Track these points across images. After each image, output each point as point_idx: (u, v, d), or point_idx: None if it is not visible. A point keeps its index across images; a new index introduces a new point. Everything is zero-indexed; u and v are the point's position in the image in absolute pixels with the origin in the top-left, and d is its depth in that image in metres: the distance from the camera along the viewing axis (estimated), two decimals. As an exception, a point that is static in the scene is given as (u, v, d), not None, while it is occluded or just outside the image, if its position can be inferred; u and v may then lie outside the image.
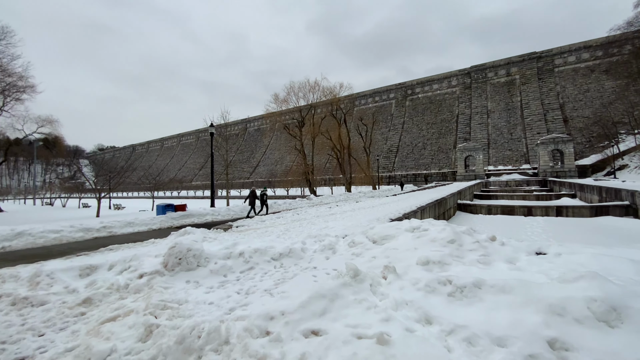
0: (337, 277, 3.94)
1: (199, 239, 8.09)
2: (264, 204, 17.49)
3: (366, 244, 6.36)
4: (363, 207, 16.21)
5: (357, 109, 77.07)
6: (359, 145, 46.22)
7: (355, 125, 48.47)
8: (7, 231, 9.59)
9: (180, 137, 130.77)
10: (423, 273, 4.31)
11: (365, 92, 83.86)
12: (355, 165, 40.77)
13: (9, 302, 4.10)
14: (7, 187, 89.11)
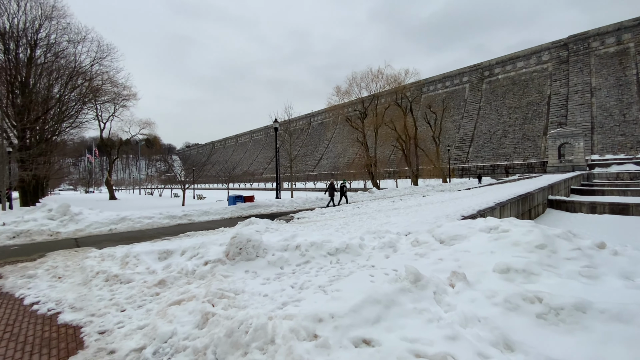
0: (395, 280, 3.55)
1: (262, 230, 8.45)
2: (344, 195, 17.97)
3: (432, 243, 5.72)
4: (430, 202, 14.99)
5: (424, 96, 71.97)
6: (427, 134, 43.11)
7: (422, 114, 45.31)
8: (113, 216, 11.54)
9: (251, 134, 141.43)
10: (502, 284, 3.61)
11: (434, 78, 77.64)
12: (422, 156, 38.19)
13: (103, 278, 4.81)
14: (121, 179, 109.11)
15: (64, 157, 52.75)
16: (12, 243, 9.06)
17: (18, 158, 19.24)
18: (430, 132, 41.64)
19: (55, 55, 21.03)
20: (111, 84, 29.82)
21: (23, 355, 2.91)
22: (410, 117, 37.95)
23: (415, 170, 37.45)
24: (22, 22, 18.19)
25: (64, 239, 9.48)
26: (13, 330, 3.42)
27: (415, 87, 44.83)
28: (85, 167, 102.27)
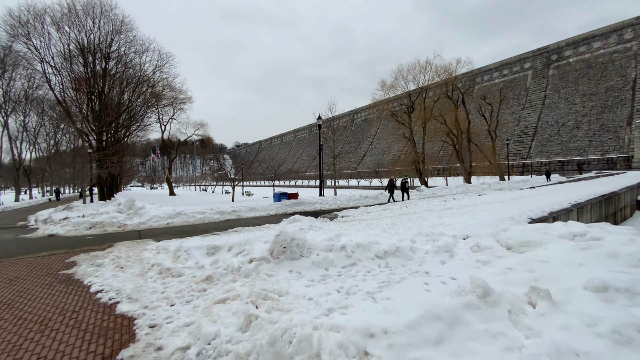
0: (457, 293, 3.05)
1: (306, 227, 8.30)
2: (405, 192, 17.89)
3: (497, 250, 4.99)
4: (488, 202, 13.59)
5: (478, 86, 66.36)
6: (481, 128, 39.64)
7: (476, 106, 41.77)
8: (170, 211, 12.41)
9: (296, 132, 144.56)
10: (600, 306, 2.89)
11: (489, 66, 71.18)
12: (476, 152, 35.20)
13: (157, 270, 5.02)
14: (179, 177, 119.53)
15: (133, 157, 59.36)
16: (89, 233, 10.20)
17: (96, 158, 21.91)
18: (484, 125, 38.19)
19: (124, 66, 23.56)
20: (170, 89, 32.70)
21: (82, 344, 3.05)
22: (462, 110, 35.19)
23: (467, 167, 34.68)
24: (97, 38, 20.69)
25: (129, 231, 10.41)
26: (77, 318, 3.67)
27: (468, 78, 41.43)
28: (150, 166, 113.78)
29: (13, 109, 28.66)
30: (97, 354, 2.88)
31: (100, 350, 2.93)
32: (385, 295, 3.83)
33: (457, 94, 35.27)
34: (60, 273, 5.52)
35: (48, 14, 18.81)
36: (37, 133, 34.57)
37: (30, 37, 18.56)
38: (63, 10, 19.16)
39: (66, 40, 19.65)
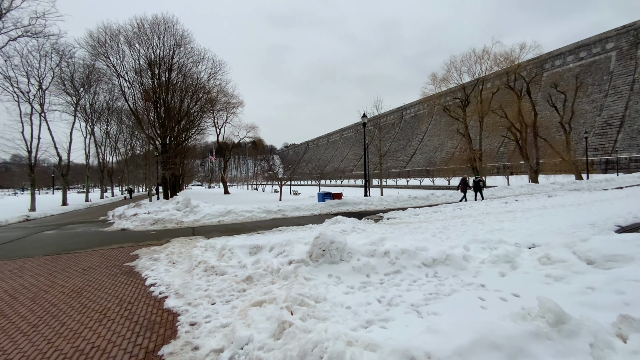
0: (522, 317, 2.56)
1: (348, 229, 8.07)
2: (479, 191, 17.20)
3: (573, 263, 4.21)
4: (560, 205, 11.85)
5: (547, 73, 58.83)
6: (551, 120, 35.02)
7: (544, 96, 37.04)
8: (222, 209, 13.14)
9: (342, 132, 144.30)
10: None
11: (561, 50, 62.61)
12: (544, 147, 31.14)
13: (203, 268, 5.24)
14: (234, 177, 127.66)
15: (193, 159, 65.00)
16: (152, 228, 11.27)
17: (161, 160, 24.34)
18: (555, 117, 33.59)
19: (184, 75, 25.85)
20: (223, 94, 35.01)
21: (131, 336, 3.25)
22: (526, 101, 31.45)
23: (534, 164, 30.88)
24: (162, 52, 23.01)
25: (185, 228, 11.26)
26: (131, 309, 3.95)
27: (534, 65, 36.93)
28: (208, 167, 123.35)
29: (98, 118, 33.40)
30: (142, 347, 3.02)
31: (145, 344, 3.07)
32: (432, 310, 3.45)
33: (521, 84, 31.61)
34: (124, 265, 6.12)
35: (122, 34, 21.53)
36: (117, 139, 39.81)
37: (108, 56, 21.43)
38: (134, 30, 21.78)
39: (137, 56, 22.28)
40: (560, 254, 4.48)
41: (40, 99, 24.00)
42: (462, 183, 17.37)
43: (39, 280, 5.32)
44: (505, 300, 3.60)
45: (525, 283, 4.04)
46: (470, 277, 4.45)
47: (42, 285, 5.05)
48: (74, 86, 27.52)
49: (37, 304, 4.26)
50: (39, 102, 23.95)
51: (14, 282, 5.28)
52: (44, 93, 24.30)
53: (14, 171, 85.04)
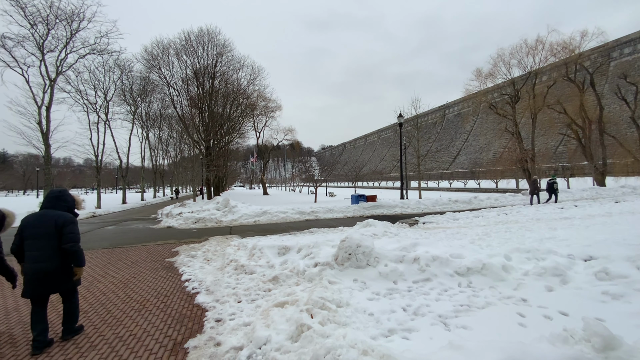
0: (563, 339, 2.26)
1: (380, 233, 7.85)
2: (553, 193, 16.46)
3: (636, 280, 3.64)
4: (629, 212, 10.36)
5: (615, 63, 51.91)
6: (621, 116, 30.80)
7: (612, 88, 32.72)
8: (258, 210, 13.60)
9: (380, 132, 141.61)
10: None
11: (630, 37, 54.78)
12: (613, 146, 27.42)
13: (233, 266, 5.45)
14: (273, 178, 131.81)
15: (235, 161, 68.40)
16: (194, 227, 12.04)
17: (205, 162, 26.00)
18: (626, 111, 29.43)
19: (225, 82, 27.44)
20: (262, 99, 36.44)
21: (164, 327, 3.48)
22: (590, 94, 28.01)
23: (599, 165, 27.36)
24: (206, 61, 24.69)
25: (223, 227, 11.85)
26: (167, 302, 4.24)
27: (599, 53, 32.75)
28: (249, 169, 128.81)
29: (152, 125, 36.77)
30: (171, 338, 3.22)
31: (174, 336, 3.27)
32: (462, 323, 3.20)
33: (583, 75, 28.24)
34: (165, 260, 6.60)
35: (172, 47, 23.55)
36: (167, 143, 43.39)
37: (160, 67, 23.56)
38: (182, 43, 23.68)
39: (184, 66, 24.19)
40: (621, 268, 3.90)
41: (105, 109, 27.07)
42: (533, 184, 16.56)
43: (95, 271, 5.96)
44: (549, 318, 3.22)
45: (576, 300, 3.58)
46: (510, 290, 4.06)
47: (96, 275, 5.64)
48: (132, 97, 30.60)
49: (90, 292, 4.77)
50: (104, 112, 27.04)
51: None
52: (108, 104, 27.37)
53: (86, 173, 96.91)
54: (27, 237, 3.11)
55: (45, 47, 18.79)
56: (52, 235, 3.09)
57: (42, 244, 3.08)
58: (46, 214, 3.19)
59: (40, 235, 3.09)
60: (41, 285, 3.07)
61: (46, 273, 3.06)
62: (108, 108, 27.51)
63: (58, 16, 18.54)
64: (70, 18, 18.95)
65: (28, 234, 3.11)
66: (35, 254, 3.06)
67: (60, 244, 3.10)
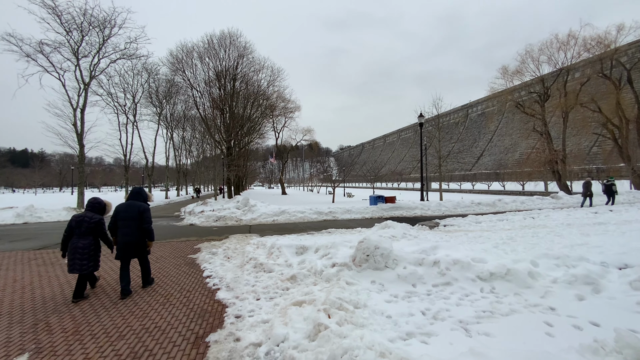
0: (593, 350, 2.14)
1: (398, 235, 7.74)
2: (611, 196, 15.93)
3: (681, 292, 3.37)
4: (672, 217, 9.61)
5: (659, 57, 48.18)
6: (664, 114, 28.44)
7: (654, 84, 30.34)
8: (276, 209, 13.77)
9: (399, 133, 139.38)
10: None
11: (682, 26, 50.56)
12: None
13: (253, 264, 5.56)
14: (291, 178, 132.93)
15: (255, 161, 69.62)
16: (215, 225, 12.37)
17: (226, 162, 26.64)
18: (670, 109, 27.22)
19: (246, 84, 28.04)
20: (281, 100, 36.91)
21: (186, 321, 3.61)
22: (628, 92, 26.18)
23: (638, 167, 25.56)
24: (227, 63, 25.32)
25: (243, 225, 12.11)
26: (189, 297, 4.39)
27: (637, 48, 30.59)
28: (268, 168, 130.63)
29: (176, 126, 38.14)
30: (193, 332, 3.34)
31: (196, 330, 3.39)
32: (484, 330, 3.11)
33: (620, 71, 26.45)
34: (188, 257, 6.84)
35: (195, 50, 24.36)
36: (190, 143, 44.85)
37: (184, 70, 24.45)
38: (205, 46, 24.47)
39: (206, 69, 24.96)
40: (662, 278, 3.63)
41: (133, 110, 28.42)
42: (585, 186, 15.79)
43: (123, 265, 6.27)
44: (579, 328, 3.05)
45: (609, 310, 3.38)
46: (537, 298, 3.89)
47: (124, 269, 5.94)
48: (158, 98, 31.92)
49: (119, 284, 5.02)
50: (132, 114, 28.39)
51: (104, 265, 6.31)
52: (136, 105, 28.72)
53: (116, 171, 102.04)
54: (120, 219, 4.57)
55: (80, 53, 19.97)
56: (136, 218, 4.57)
57: (129, 224, 4.54)
58: (132, 204, 4.66)
59: (128, 218, 4.56)
60: (127, 251, 4.52)
61: (131, 244, 4.54)
62: (136, 110, 28.86)
63: (91, 23, 19.65)
64: (103, 25, 20.03)
65: (120, 217, 4.57)
66: (125, 231, 4.53)
67: (140, 225, 4.59)
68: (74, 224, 4.40)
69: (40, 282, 5.30)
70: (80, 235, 4.36)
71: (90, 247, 4.39)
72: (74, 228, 4.40)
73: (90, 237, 4.43)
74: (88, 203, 4.70)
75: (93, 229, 4.45)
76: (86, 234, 4.40)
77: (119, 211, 4.62)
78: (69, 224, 4.42)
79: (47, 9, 18.23)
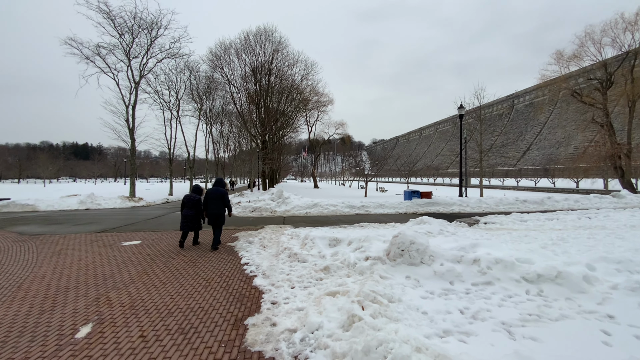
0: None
1: (435, 231, 7.48)
2: None
3: None
4: None
5: None
6: None
7: None
8: (309, 202, 13.95)
9: (437, 125, 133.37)
10: None
11: None
12: None
13: (287, 254, 5.71)
14: (323, 172, 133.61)
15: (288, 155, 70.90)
16: (251, 215, 12.87)
17: (261, 156, 27.48)
18: None
19: (280, 79, 28.51)
20: (314, 94, 37.05)
21: (226, 304, 3.83)
22: None
23: None
24: (262, 58, 25.93)
25: (277, 216, 12.45)
26: (228, 282, 4.65)
27: None
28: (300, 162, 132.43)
29: (215, 120, 39.95)
30: (233, 314, 3.54)
31: (235, 312, 3.58)
32: (530, 334, 2.92)
33: None
34: (226, 244, 7.21)
35: (232, 47, 25.24)
36: (228, 138, 46.83)
37: (222, 67, 25.46)
38: (241, 42, 25.26)
39: (243, 65, 25.80)
40: None
41: (176, 106, 30.23)
42: None
43: (169, 249, 6.79)
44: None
45: (682, 323, 2.99)
46: (593, 304, 3.56)
47: (171, 254, 6.43)
48: (198, 95, 33.59)
49: (167, 267, 5.46)
50: (176, 109, 30.21)
51: (154, 249, 6.88)
52: (179, 102, 30.48)
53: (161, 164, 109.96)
54: (209, 199, 6.88)
55: (131, 54, 21.60)
56: (219, 199, 6.89)
57: (216, 202, 6.86)
58: (217, 189, 6.97)
59: (215, 198, 6.87)
60: (215, 220, 6.87)
61: (217, 215, 6.85)
62: (179, 106, 30.65)
63: (140, 26, 21.13)
64: (150, 27, 21.43)
65: (210, 197, 6.90)
66: (213, 206, 6.84)
67: (223, 204, 6.92)
68: (185, 201, 6.97)
69: (101, 261, 5.92)
70: (189, 208, 6.91)
71: (193, 215, 6.89)
72: (185, 203, 6.96)
73: (194, 209, 6.90)
74: (193, 188, 7.33)
75: (195, 204, 6.95)
76: (191, 207, 6.91)
77: (209, 194, 6.93)
78: (182, 201, 7.02)
79: (103, 14, 19.92)
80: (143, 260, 5.94)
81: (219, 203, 6.82)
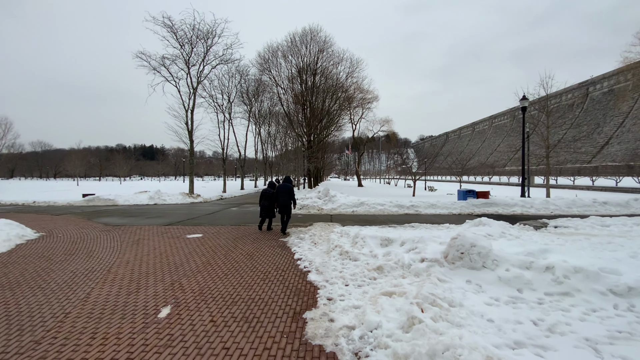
0: None
1: (496, 234, 6.94)
2: None
3: None
4: None
5: None
6: None
7: None
8: (355, 200, 13.89)
9: (492, 119, 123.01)
10: None
11: None
12: None
13: (338, 252, 5.76)
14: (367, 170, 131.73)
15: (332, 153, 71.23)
16: (299, 212, 13.22)
17: (306, 155, 28.05)
18: None
19: (325, 78, 28.71)
20: (359, 91, 36.61)
21: (285, 297, 4.00)
22: None
23: None
24: (308, 59, 26.37)
25: (324, 214, 12.61)
26: (284, 276, 4.85)
27: None
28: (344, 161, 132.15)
29: (263, 121, 41.75)
30: (291, 307, 3.69)
31: (293, 306, 3.73)
32: (620, 353, 2.60)
33: None
34: (279, 240, 7.52)
35: (279, 49, 26.11)
36: (275, 137, 48.60)
37: (270, 69, 26.50)
38: (288, 45, 26.03)
39: (289, 66, 26.53)
40: None
41: (228, 109, 32.25)
42: None
43: (228, 243, 7.30)
44: None
45: None
46: None
47: (229, 247, 6.91)
48: (248, 97, 35.42)
49: (227, 259, 5.88)
50: (228, 112, 32.25)
51: (214, 242, 7.45)
52: (231, 105, 32.46)
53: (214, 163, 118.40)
54: (279, 194, 8.43)
55: (190, 63, 23.57)
56: (287, 193, 8.39)
57: (285, 196, 8.38)
58: (285, 185, 8.49)
59: (284, 193, 8.40)
60: (284, 210, 8.42)
61: (286, 206, 8.38)
62: (231, 108, 32.67)
63: (198, 36, 22.92)
64: (207, 36, 23.14)
65: (280, 192, 8.45)
66: (282, 199, 8.37)
67: (290, 197, 8.40)
68: (263, 193, 8.72)
69: (171, 251, 6.59)
70: (265, 199, 8.60)
71: (269, 206, 8.56)
72: (263, 195, 8.69)
73: (268, 200, 8.57)
74: (269, 183, 9.25)
75: (270, 197, 8.60)
76: (267, 199, 8.59)
77: (279, 189, 8.52)
78: (261, 194, 8.78)
79: (167, 28, 22.02)
80: (206, 252, 6.48)
81: (286, 196, 8.31)
